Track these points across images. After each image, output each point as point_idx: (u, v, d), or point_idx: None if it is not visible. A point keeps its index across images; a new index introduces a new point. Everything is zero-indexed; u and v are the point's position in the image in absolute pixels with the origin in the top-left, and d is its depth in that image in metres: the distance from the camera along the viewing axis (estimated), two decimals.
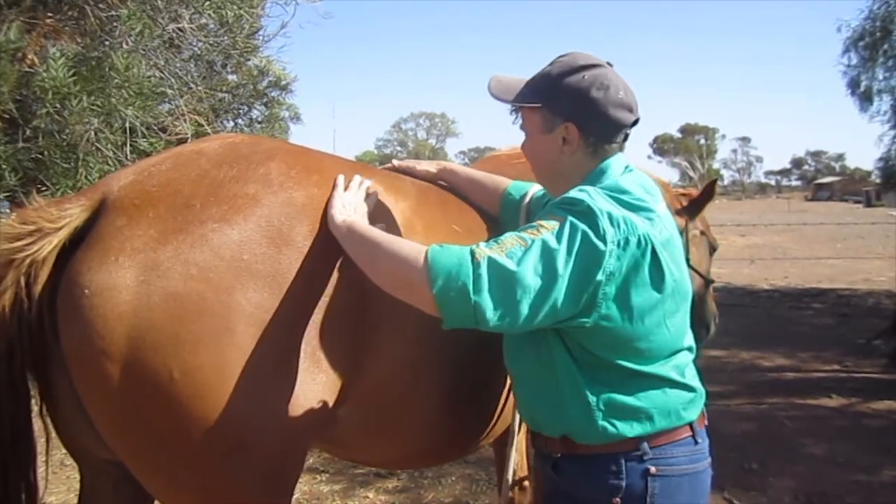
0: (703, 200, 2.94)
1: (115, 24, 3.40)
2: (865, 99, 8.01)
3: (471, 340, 1.54)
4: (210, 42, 3.99)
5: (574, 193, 1.37)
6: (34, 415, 1.45)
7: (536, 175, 1.60)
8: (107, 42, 3.42)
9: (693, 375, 1.48)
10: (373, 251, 1.38)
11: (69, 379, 1.31)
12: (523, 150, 1.59)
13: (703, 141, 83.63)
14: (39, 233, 1.32)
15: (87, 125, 3.09)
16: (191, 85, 3.90)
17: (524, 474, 2.03)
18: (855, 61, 7.93)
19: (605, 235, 1.29)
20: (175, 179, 1.38)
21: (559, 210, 1.35)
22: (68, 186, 3.10)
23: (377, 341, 1.51)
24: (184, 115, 3.69)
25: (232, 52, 4.15)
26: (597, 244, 1.28)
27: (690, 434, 1.43)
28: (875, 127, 8.18)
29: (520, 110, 1.55)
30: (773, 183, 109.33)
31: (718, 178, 3.48)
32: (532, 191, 1.80)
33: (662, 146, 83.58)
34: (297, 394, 1.37)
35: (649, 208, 1.39)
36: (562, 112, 1.45)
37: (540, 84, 1.50)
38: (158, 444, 1.31)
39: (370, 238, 1.39)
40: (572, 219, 1.31)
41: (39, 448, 1.48)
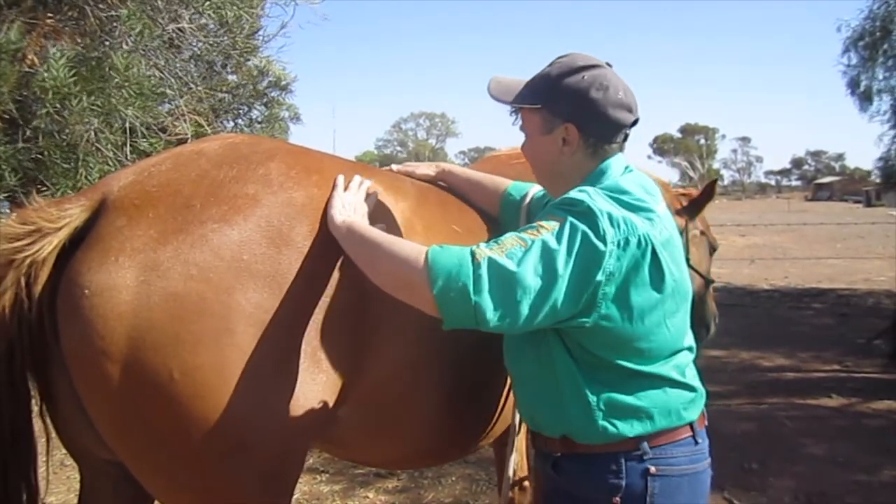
0: (703, 200, 2.94)
1: (115, 25, 3.40)
2: (865, 99, 8.00)
3: (471, 341, 1.54)
4: (210, 42, 3.99)
5: (574, 194, 1.37)
6: (34, 415, 1.45)
7: (536, 176, 1.61)
8: (107, 42, 3.42)
9: (693, 375, 1.48)
10: (373, 251, 1.38)
11: (69, 379, 1.31)
12: (523, 151, 1.59)
13: (703, 141, 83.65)
14: (39, 233, 1.32)
15: (87, 125, 3.09)
16: (191, 85, 3.90)
17: (524, 474, 2.03)
18: (855, 61, 7.93)
19: (605, 236, 1.29)
20: (175, 180, 1.38)
21: (559, 211, 1.35)
22: (68, 187, 3.10)
23: (377, 341, 1.51)
24: (184, 116, 3.69)
25: (232, 53, 4.15)
26: (597, 244, 1.29)
27: (691, 434, 1.44)
28: (875, 127, 8.19)
29: (520, 111, 1.56)
30: (773, 183, 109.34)
31: (718, 178, 3.48)
32: (532, 191, 1.80)
33: (662, 146, 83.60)
34: (298, 394, 1.38)
35: (649, 208, 1.39)
36: (561, 113, 1.46)
37: (539, 85, 1.50)
38: (158, 445, 1.31)
39: (370, 238, 1.39)
40: (572, 219, 1.31)
41: (39, 448, 1.48)
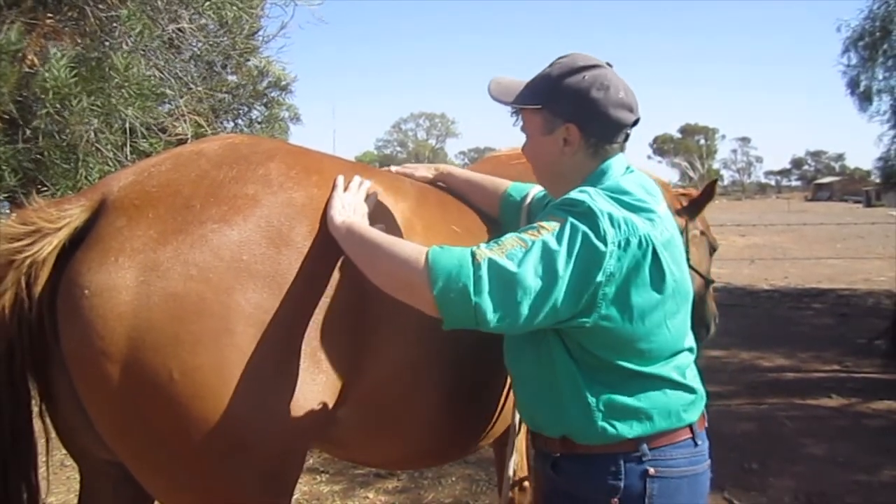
0: (703, 201, 2.94)
1: (115, 25, 3.40)
2: (865, 99, 7.99)
3: (471, 341, 1.54)
4: (210, 42, 4.00)
5: (575, 194, 1.37)
6: (34, 415, 1.45)
7: (537, 176, 1.61)
8: (107, 42, 3.42)
9: (694, 377, 1.48)
10: (372, 252, 1.38)
11: (69, 379, 1.31)
12: (524, 152, 1.59)
13: (703, 141, 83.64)
14: (39, 233, 1.32)
15: (87, 126, 3.09)
16: (190, 85, 3.90)
17: (524, 474, 2.03)
18: (855, 61, 7.91)
19: (606, 236, 1.29)
20: (175, 180, 1.38)
21: (560, 211, 1.35)
22: (68, 187, 3.10)
23: (377, 342, 1.51)
24: (183, 116, 3.69)
25: (232, 53, 4.15)
26: (597, 245, 1.28)
27: (690, 436, 1.43)
28: (875, 127, 8.18)
29: (520, 112, 1.55)
30: (773, 183, 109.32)
31: (718, 179, 3.47)
32: (533, 192, 1.80)
33: (662, 146, 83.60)
34: (297, 394, 1.38)
35: (650, 209, 1.39)
36: (562, 113, 1.46)
37: (540, 85, 1.50)
38: (158, 445, 1.31)
39: (370, 239, 1.39)
40: (573, 220, 1.31)
41: (40, 448, 1.48)
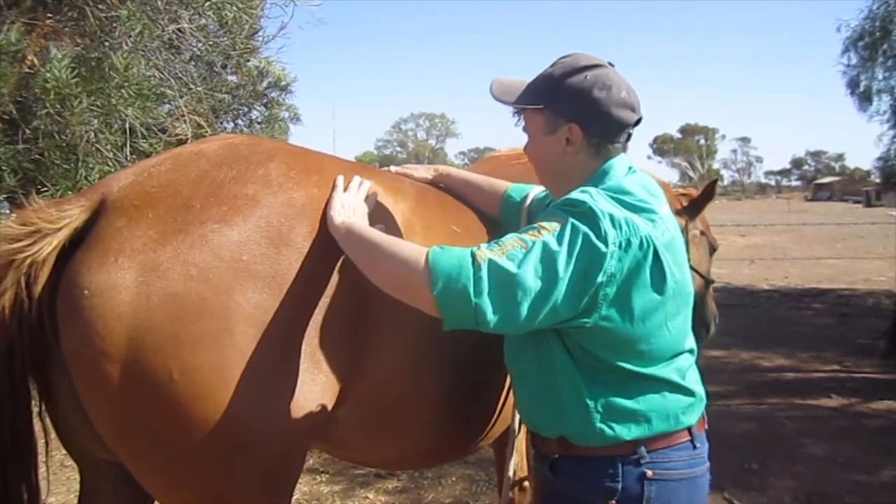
0: (704, 201, 2.94)
1: (115, 25, 3.40)
2: (865, 99, 7.99)
3: (471, 341, 1.54)
4: (210, 43, 3.99)
5: (576, 195, 1.36)
6: (34, 415, 1.45)
7: (539, 176, 1.60)
8: (106, 43, 3.42)
9: (695, 379, 1.47)
10: (372, 252, 1.38)
11: (69, 379, 1.31)
12: (526, 152, 1.59)
13: (703, 141, 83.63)
14: (39, 234, 1.32)
15: (87, 126, 3.09)
16: (190, 86, 3.90)
17: (524, 475, 2.03)
18: (854, 61, 7.92)
19: (607, 237, 1.29)
20: (175, 180, 1.38)
21: (560, 212, 1.34)
22: (68, 187, 3.10)
23: (377, 342, 1.51)
24: (183, 116, 3.69)
25: (231, 53, 4.15)
26: (598, 246, 1.28)
27: (689, 438, 1.43)
28: (874, 127, 8.18)
29: (522, 112, 1.55)
30: (773, 183, 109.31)
31: (718, 179, 3.47)
32: (533, 193, 1.80)
33: (662, 146, 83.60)
34: (297, 394, 1.38)
35: (652, 209, 1.39)
36: (564, 113, 1.45)
37: (542, 85, 1.49)
38: (158, 445, 1.31)
39: (370, 239, 1.39)
40: (573, 220, 1.30)
41: (40, 448, 1.48)
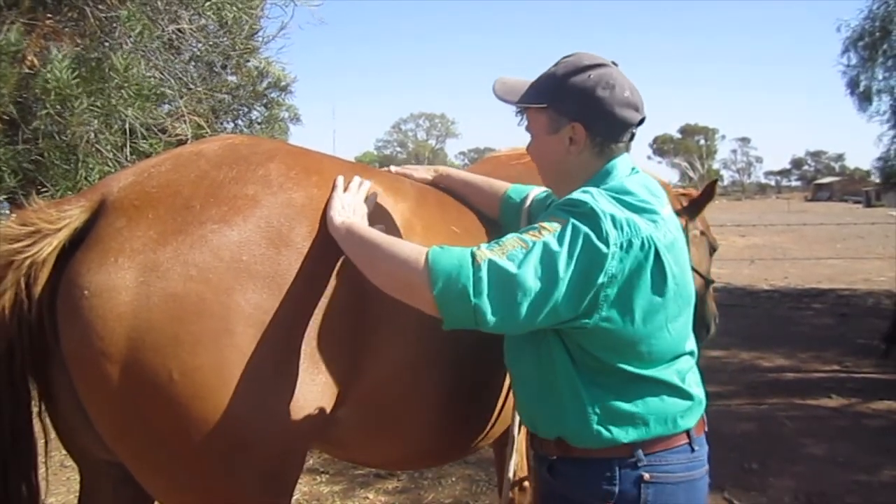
0: (704, 201, 2.94)
1: (115, 25, 3.41)
2: (864, 99, 8.00)
3: (471, 341, 1.54)
4: (210, 43, 4.00)
5: (577, 195, 1.36)
6: (34, 415, 1.45)
7: (542, 176, 1.59)
8: (106, 43, 3.43)
9: (695, 381, 1.47)
10: (372, 253, 1.38)
11: (69, 380, 1.31)
12: (528, 152, 1.58)
13: (703, 141, 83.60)
14: (39, 234, 1.32)
15: (87, 126, 3.10)
16: (190, 86, 3.90)
17: (524, 475, 2.02)
18: (854, 61, 7.92)
19: (608, 238, 1.28)
20: (175, 181, 1.38)
21: (561, 212, 1.34)
22: (68, 188, 3.10)
23: (377, 342, 1.51)
24: (183, 117, 3.69)
25: (231, 54, 4.15)
26: (599, 247, 1.27)
27: (687, 441, 1.42)
28: (874, 127, 8.19)
29: (525, 111, 1.54)
30: (773, 183, 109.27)
31: (718, 179, 3.47)
32: (533, 194, 1.79)
33: (662, 147, 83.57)
34: (297, 395, 1.38)
35: (654, 210, 1.38)
36: (568, 112, 1.45)
37: (545, 84, 1.49)
38: (158, 445, 1.31)
39: (369, 240, 1.38)
40: (574, 221, 1.30)
41: (40, 449, 1.48)
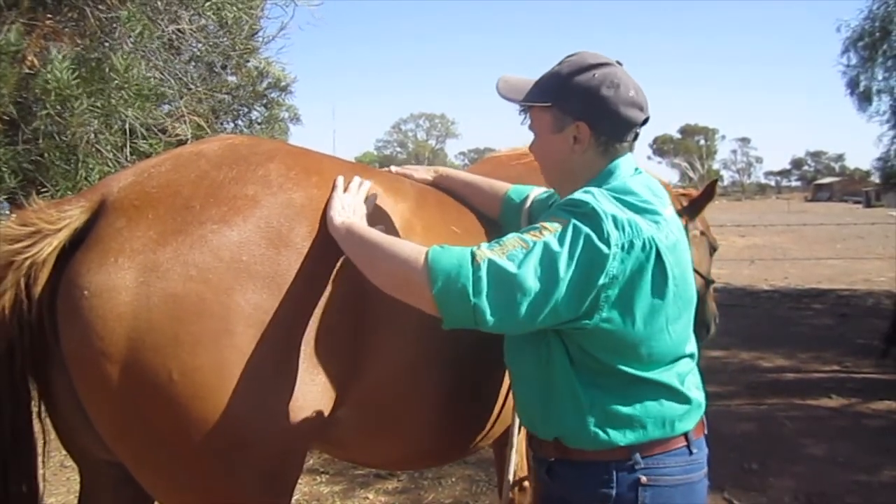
0: (704, 201, 2.94)
1: (115, 26, 3.41)
2: (864, 99, 8.01)
3: (471, 341, 1.54)
4: (210, 43, 4.00)
5: (579, 195, 1.35)
6: (34, 415, 1.45)
7: (545, 175, 1.59)
8: (106, 43, 3.43)
9: (695, 384, 1.46)
10: (372, 252, 1.38)
11: (69, 380, 1.31)
12: (532, 150, 1.58)
13: (703, 141, 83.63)
14: (39, 234, 1.32)
15: (87, 127, 3.10)
16: (190, 86, 3.90)
17: (524, 475, 2.03)
18: (854, 61, 7.93)
19: (609, 238, 1.28)
20: (174, 181, 1.38)
21: (563, 212, 1.34)
22: (68, 188, 3.10)
23: (376, 342, 1.51)
24: (183, 117, 3.69)
25: (231, 54, 4.15)
26: (600, 247, 1.27)
27: (685, 444, 1.41)
28: (874, 127, 8.19)
29: (529, 110, 1.54)
30: (773, 184, 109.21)
31: (718, 179, 3.47)
32: (533, 194, 1.79)
33: (662, 147, 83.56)
34: (297, 395, 1.38)
35: (656, 211, 1.37)
36: (572, 111, 1.44)
37: (549, 83, 1.48)
38: (158, 445, 1.31)
39: (369, 239, 1.38)
40: (576, 221, 1.29)
41: (40, 449, 1.48)
